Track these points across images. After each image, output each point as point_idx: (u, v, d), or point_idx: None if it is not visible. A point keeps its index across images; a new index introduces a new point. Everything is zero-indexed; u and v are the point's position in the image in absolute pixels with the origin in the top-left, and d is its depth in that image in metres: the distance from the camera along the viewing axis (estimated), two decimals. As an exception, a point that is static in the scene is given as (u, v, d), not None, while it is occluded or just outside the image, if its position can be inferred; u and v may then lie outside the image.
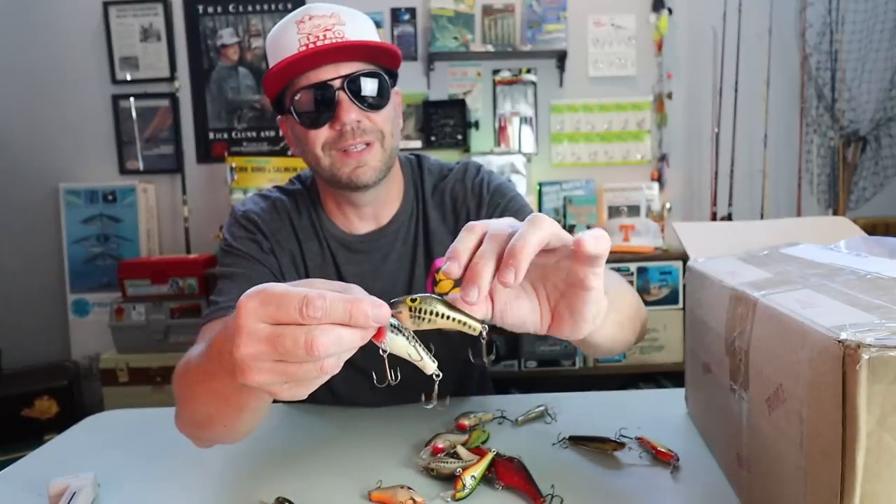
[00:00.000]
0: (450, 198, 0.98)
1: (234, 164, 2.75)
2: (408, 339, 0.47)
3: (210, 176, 3.00)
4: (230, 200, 2.72)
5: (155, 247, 2.98)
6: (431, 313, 0.44)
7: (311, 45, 0.81)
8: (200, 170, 3.01)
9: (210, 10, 2.93)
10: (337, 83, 0.82)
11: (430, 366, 0.55)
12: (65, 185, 2.89)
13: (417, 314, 0.44)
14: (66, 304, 2.91)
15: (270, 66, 0.85)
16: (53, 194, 2.93)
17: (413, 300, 0.44)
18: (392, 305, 0.43)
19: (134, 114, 2.97)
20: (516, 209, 0.96)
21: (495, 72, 2.98)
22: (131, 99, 2.96)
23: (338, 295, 0.41)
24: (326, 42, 0.81)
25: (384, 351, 0.46)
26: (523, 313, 0.50)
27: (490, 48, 2.87)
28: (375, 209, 0.94)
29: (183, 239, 2.99)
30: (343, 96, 0.82)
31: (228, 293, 0.86)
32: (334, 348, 0.40)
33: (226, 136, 3.00)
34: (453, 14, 2.88)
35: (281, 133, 2.99)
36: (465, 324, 0.45)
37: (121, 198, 2.89)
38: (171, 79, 2.94)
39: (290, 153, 2.94)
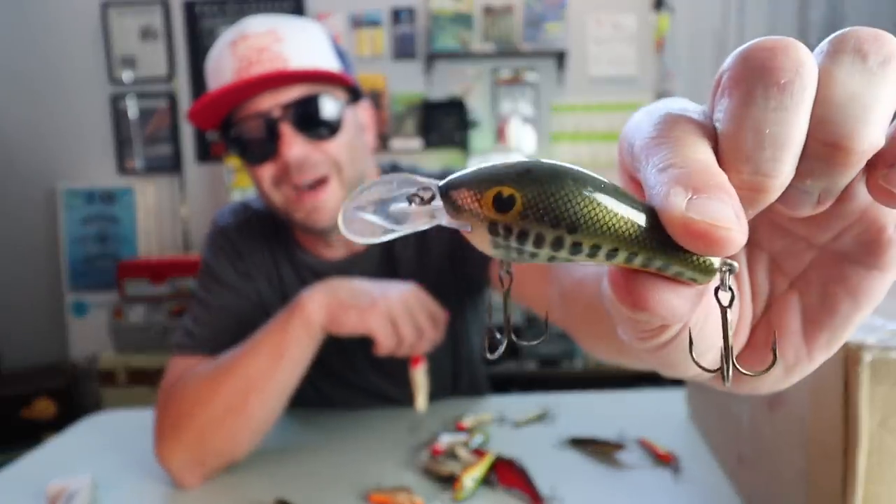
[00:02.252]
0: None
1: (233, 165, 2.75)
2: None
3: (209, 176, 3.00)
4: (229, 200, 2.72)
5: (154, 247, 2.97)
6: (558, 246, 0.17)
7: (244, 71, 0.72)
8: (199, 170, 3.01)
9: (209, 10, 2.93)
10: (277, 112, 0.72)
11: (422, 404, 0.76)
12: (63, 184, 2.88)
13: (512, 248, 0.17)
14: (65, 305, 2.91)
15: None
16: (52, 194, 2.93)
17: (500, 215, 0.17)
18: (466, 191, 0.17)
19: (133, 114, 2.97)
20: None
21: (495, 72, 2.98)
22: (130, 99, 2.96)
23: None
24: (262, 65, 0.71)
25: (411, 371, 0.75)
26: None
27: (490, 48, 2.86)
28: (327, 234, 0.85)
29: (182, 239, 2.98)
30: (285, 128, 0.72)
31: (204, 325, 0.82)
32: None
33: (225, 135, 3.00)
34: (453, 14, 2.88)
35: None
36: (692, 263, 0.17)
37: (119, 198, 2.89)
38: (170, 78, 2.94)
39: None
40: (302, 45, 0.75)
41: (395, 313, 0.69)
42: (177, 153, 2.98)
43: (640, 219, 0.16)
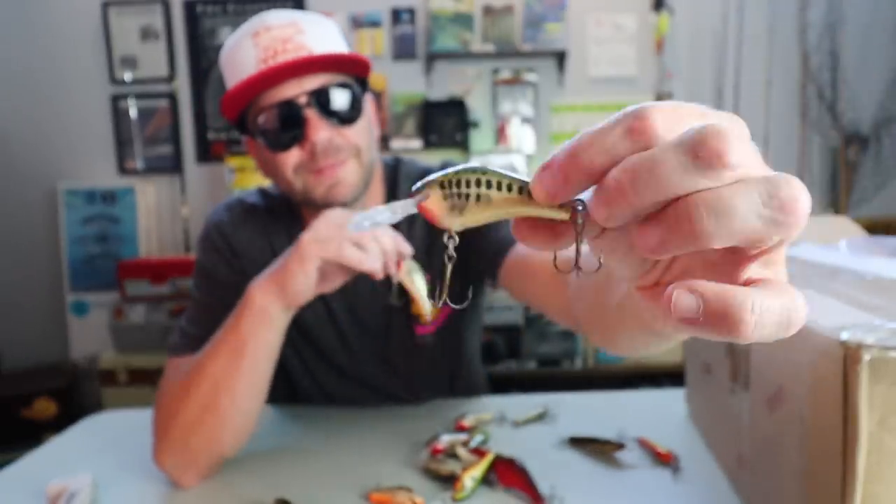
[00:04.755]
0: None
1: (233, 164, 2.75)
2: (417, 273, 0.74)
3: (209, 176, 3.00)
4: (230, 200, 2.72)
5: (154, 247, 2.98)
6: (479, 184, 0.26)
7: (270, 60, 0.74)
8: (200, 170, 3.01)
9: (210, 10, 2.93)
10: (303, 100, 0.75)
11: (427, 307, 0.76)
12: (64, 185, 2.89)
13: (455, 193, 0.27)
14: (65, 305, 2.91)
15: (227, 85, 0.77)
16: (52, 194, 2.93)
17: (444, 176, 0.27)
18: (417, 191, 0.28)
19: (133, 114, 2.97)
20: None
21: (495, 72, 2.98)
22: (131, 99, 2.96)
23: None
24: (287, 55, 0.74)
25: (397, 282, 0.73)
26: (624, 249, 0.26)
27: (490, 48, 2.86)
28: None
29: (182, 239, 2.99)
30: (311, 113, 0.75)
31: (198, 324, 0.82)
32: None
33: (225, 135, 3.00)
34: (453, 14, 2.88)
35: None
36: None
37: (120, 198, 2.89)
38: (171, 79, 2.94)
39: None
40: (322, 36, 0.78)
41: (354, 236, 0.68)
42: (177, 153, 2.98)
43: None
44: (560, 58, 2.91)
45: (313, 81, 0.75)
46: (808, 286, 0.53)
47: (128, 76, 2.94)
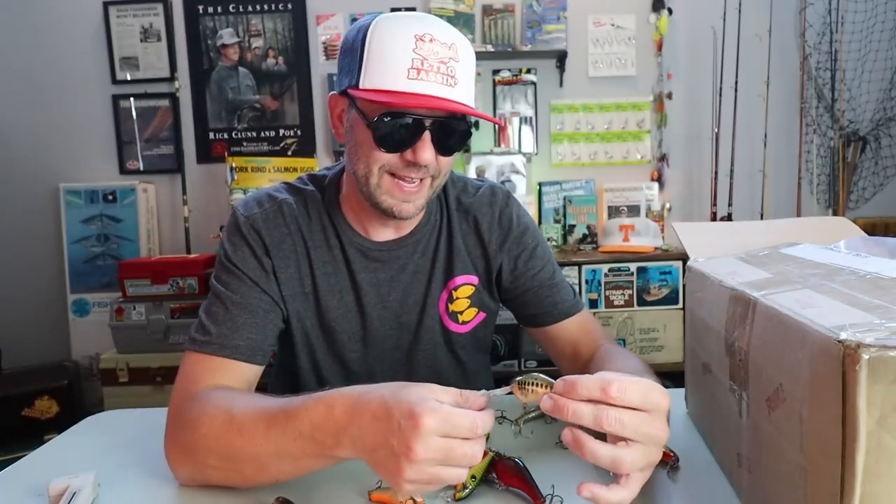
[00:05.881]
0: (473, 220, 0.96)
1: (234, 164, 2.76)
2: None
3: (210, 176, 3.00)
4: (230, 200, 2.72)
5: (155, 247, 2.98)
6: (534, 384, 0.57)
7: (422, 73, 0.75)
8: (200, 170, 3.01)
9: (210, 10, 2.93)
10: (428, 122, 0.78)
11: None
12: (65, 185, 2.89)
13: (525, 387, 0.57)
14: (67, 304, 2.91)
15: (366, 57, 0.76)
16: (54, 194, 2.93)
17: (521, 382, 0.57)
18: (508, 383, 0.58)
19: (134, 114, 2.97)
20: (540, 261, 0.97)
21: (495, 72, 2.98)
22: (131, 99, 2.96)
23: (485, 414, 0.55)
24: (437, 76, 0.76)
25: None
26: None
27: (490, 48, 2.87)
28: (398, 221, 0.88)
29: (183, 239, 2.99)
30: (428, 136, 0.78)
31: (222, 323, 0.80)
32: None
33: (226, 136, 3.00)
34: (453, 14, 2.89)
35: (282, 132, 3.00)
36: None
37: (121, 198, 2.89)
38: (172, 79, 2.94)
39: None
40: (468, 70, 0.81)
41: (432, 444, 0.53)
42: (178, 153, 2.99)
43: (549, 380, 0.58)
44: (560, 58, 2.92)
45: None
46: (808, 286, 0.53)
47: (129, 76, 2.94)
